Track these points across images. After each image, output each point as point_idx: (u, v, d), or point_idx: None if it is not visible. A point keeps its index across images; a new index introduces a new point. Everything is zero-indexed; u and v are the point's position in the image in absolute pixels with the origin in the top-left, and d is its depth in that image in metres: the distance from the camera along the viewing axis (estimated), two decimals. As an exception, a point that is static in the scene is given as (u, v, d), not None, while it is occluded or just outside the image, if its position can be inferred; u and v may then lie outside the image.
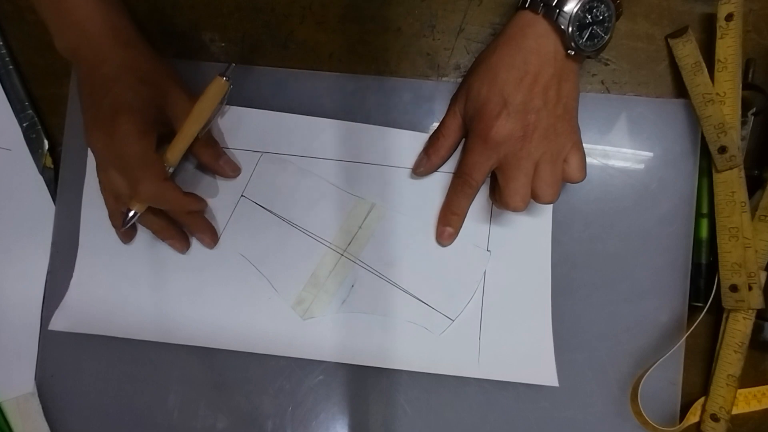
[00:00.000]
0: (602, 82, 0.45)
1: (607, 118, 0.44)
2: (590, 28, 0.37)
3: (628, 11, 0.45)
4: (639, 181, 0.44)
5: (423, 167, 0.43)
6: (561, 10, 0.36)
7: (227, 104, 0.44)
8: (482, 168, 0.40)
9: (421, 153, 0.43)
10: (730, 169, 0.41)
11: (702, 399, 0.42)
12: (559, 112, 0.38)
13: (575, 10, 0.36)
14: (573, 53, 0.37)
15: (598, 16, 0.37)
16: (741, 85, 0.42)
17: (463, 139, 0.43)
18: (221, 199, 0.44)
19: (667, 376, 0.42)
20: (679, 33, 0.44)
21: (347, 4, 0.45)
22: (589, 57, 0.39)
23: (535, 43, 0.37)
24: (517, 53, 0.38)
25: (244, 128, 0.44)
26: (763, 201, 0.42)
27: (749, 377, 0.43)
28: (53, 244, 0.45)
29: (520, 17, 0.38)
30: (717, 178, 0.42)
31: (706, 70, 0.42)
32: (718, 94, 0.42)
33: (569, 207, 0.44)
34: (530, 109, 0.38)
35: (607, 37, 0.37)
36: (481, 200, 0.43)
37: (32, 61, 0.46)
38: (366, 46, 0.45)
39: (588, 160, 0.44)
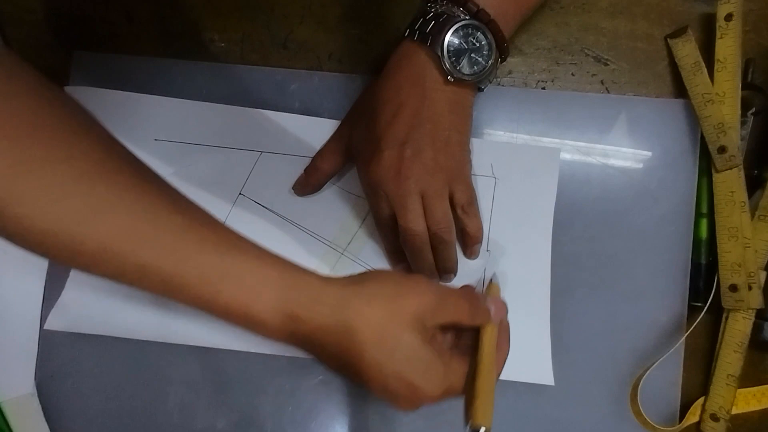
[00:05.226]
0: (602, 82, 0.45)
1: (606, 117, 0.44)
2: (468, 55, 0.36)
3: (628, 11, 0.45)
4: (639, 180, 0.44)
5: (299, 187, 0.43)
6: (436, 36, 0.35)
7: (228, 104, 0.44)
8: (377, 210, 0.39)
9: (302, 172, 0.43)
10: (730, 168, 0.41)
11: (702, 399, 0.42)
12: (439, 144, 0.37)
13: (450, 36, 0.35)
14: (453, 80, 0.36)
15: (474, 44, 0.36)
16: (740, 85, 0.42)
17: None
18: (219, 196, 0.44)
19: (666, 376, 0.42)
20: (678, 33, 0.44)
21: (347, 4, 0.45)
22: (479, 89, 0.38)
23: (411, 73, 0.37)
24: (393, 85, 0.37)
25: (244, 128, 0.44)
26: (763, 201, 0.42)
27: (749, 377, 0.43)
28: (53, 244, 0.45)
29: (401, 48, 0.38)
30: (717, 178, 0.42)
31: (705, 70, 0.42)
32: (717, 94, 0.42)
33: (569, 207, 0.44)
34: (406, 143, 0.36)
35: (487, 64, 0.36)
36: (480, 201, 0.43)
37: (32, 61, 0.46)
38: (366, 46, 0.45)
39: (588, 159, 0.44)
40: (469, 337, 0.35)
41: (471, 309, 0.34)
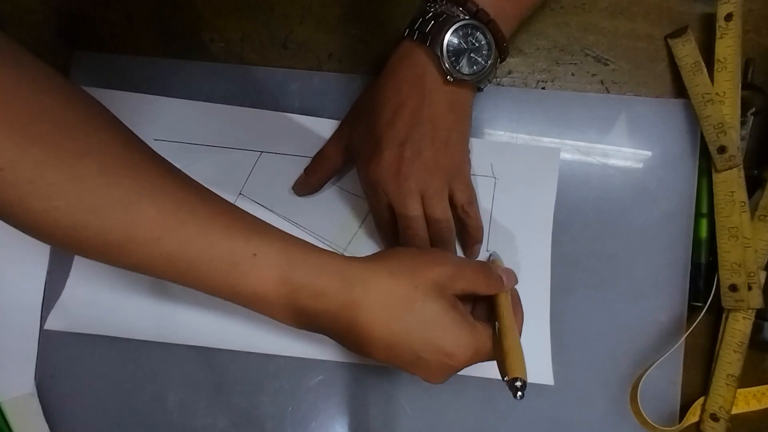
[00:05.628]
0: (602, 82, 0.45)
1: (606, 117, 0.44)
2: (467, 55, 0.36)
3: (628, 11, 0.45)
4: (638, 180, 0.44)
5: (300, 186, 0.43)
6: (435, 36, 0.35)
7: (228, 104, 0.44)
8: (376, 209, 0.40)
9: (302, 172, 0.43)
10: (730, 168, 0.41)
11: (702, 399, 0.43)
12: (439, 144, 0.37)
13: (449, 36, 0.35)
14: (452, 79, 0.36)
15: (474, 44, 0.36)
16: (740, 85, 0.42)
17: None
18: None
19: (666, 375, 0.42)
20: (678, 33, 0.44)
21: (347, 4, 0.45)
22: (479, 88, 0.38)
23: (411, 72, 0.37)
24: (392, 85, 0.37)
25: (244, 128, 0.44)
26: (763, 201, 0.42)
27: (749, 377, 0.43)
28: (53, 244, 0.45)
29: (401, 48, 0.38)
30: (716, 177, 0.42)
31: (705, 70, 0.42)
32: (717, 93, 0.42)
33: (569, 207, 0.44)
34: (405, 142, 0.36)
35: (487, 64, 0.36)
36: (480, 201, 0.43)
37: (32, 61, 0.46)
38: (366, 46, 0.45)
39: (587, 159, 0.44)
40: (484, 308, 0.36)
41: (486, 277, 0.35)
